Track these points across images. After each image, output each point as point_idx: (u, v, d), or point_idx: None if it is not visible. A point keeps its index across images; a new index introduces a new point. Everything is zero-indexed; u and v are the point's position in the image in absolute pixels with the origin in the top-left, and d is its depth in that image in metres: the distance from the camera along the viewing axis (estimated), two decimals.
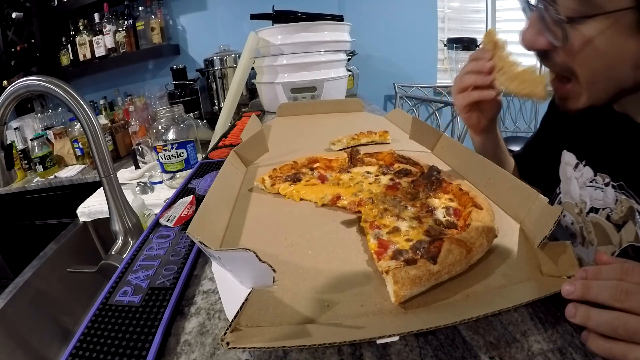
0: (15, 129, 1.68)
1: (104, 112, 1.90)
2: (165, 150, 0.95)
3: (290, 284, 0.31)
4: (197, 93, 1.79)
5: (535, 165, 0.62)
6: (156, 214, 0.50)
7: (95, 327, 0.30)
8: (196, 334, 0.29)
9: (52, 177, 1.61)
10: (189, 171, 0.81)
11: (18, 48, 1.91)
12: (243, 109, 1.56)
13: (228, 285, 0.30)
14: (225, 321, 0.30)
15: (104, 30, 1.88)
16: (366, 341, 0.24)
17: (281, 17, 1.32)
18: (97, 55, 1.92)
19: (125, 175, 1.33)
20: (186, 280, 0.35)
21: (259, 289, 0.28)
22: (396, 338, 0.23)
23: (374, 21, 2.03)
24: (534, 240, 0.33)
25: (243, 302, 0.25)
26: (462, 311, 0.26)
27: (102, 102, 1.94)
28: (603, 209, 0.44)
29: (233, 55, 1.71)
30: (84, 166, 1.67)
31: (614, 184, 0.42)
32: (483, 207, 0.37)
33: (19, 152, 1.61)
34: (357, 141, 0.70)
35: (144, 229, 0.51)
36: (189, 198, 0.53)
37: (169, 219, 0.48)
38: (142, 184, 1.15)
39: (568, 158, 0.51)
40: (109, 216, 0.62)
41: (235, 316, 0.24)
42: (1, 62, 1.93)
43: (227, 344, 0.23)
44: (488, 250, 0.33)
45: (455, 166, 0.54)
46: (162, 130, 0.96)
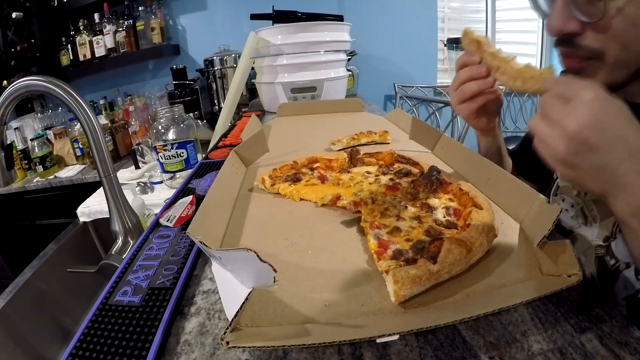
0: (15, 129, 1.68)
1: (104, 112, 1.90)
2: (165, 150, 0.95)
3: (290, 284, 0.31)
4: (197, 93, 1.79)
5: (531, 158, 0.62)
6: (156, 214, 0.50)
7: (95, 327, 0.30)
8: (196, 334, 0.29)
9: (52, 177, 1.61)
10: (189, 171, 0.81)
11: (18, 48, 1.91)
12: (243, 109, 1.56)
13: (228, 285, 0.30)
14: (225, 321, 0.30)
15: (104, 30, 1.88)
16: (366, 340, 0.24)
17: (281, 17, 1.32)
18: (97, 55, 1.92)
19: (125, 175, 1.33)
20: (186, 280, 0.35)
21: (259, 289, 0.28)
22: (396, 337, 0.24)
23: (374, 21, 2.03)
24: (533, 240, 0.33)
25: (243, 302, 0.25)
26: (462, 310, 0.26)
27: (102, 102, 1.94)
28: None
29: (233, 55, 1.71)
30: (84, 166, 1.67)
31: None
32: (483, 207, 0.37)
33: (19, 152, 1.61)
34: (357, 141, 0.70)
35: (144, 229, 0.51)
36: (189, 198, 0.53)
37: (169, 219, 0.48)
38: (142, 184, 1.15)
39: None
40: (109, 216, 0.62)
41: (235, 316, 0.24)
42: (1, 62, 1.93)
43: (227, 343, 0.23)
44: (488, 250, 0.33)
45: (455, 166, 0.54)
46: (162, 130, 0.96)
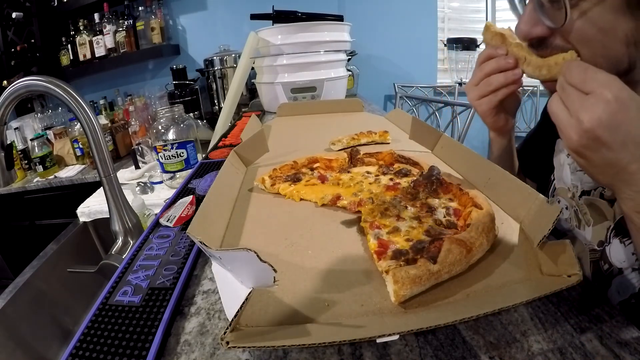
0: (15, 129, 1.68)
1: (104, 112, 1.90)
2: (165, 150, 0.95)
3: (290, 284, 0.31)
4: (197, 93, 1.79)
5: (533, 156, 0.63)
6: (156, 214, 0.50)
7: (95, 327, 0.30)
8: (196, 334, 0.29)
9: (52, 177, 1.61)
10: (189, 171, 0.81)
11: (18, 48, 1.91)
12: (243, 109, 1.56)
13: (228, 285, 0.29)
14: (225, 321, 0.30)
15: (104, 30, 1.88)
16: (366, 340, 0.24)
17: (281, 17, 1.32)
18: (97, 55, 1.92)
19: (125, 175, 1.33)
20: (186, 280, 0.35)
21: (259, 289, 0.28)
22: (396, 337, 0.23)
23: (374, 21, 2.03)
24: (533, 240, 0.33)
25: (243, 302, 0.25)
26: (462, 310, 0.26)
27: (102, 102, 1.94)
28: (595, 189, 0.45)
29: (233, 55, 1.71)
30: (84, 166, 1.67)
31: None
32: (483, 207, 0.37)
33: (19, 152, 1.62)
34: (357, 141, 0.70)
35: (144, 229, 0.51)
36: (189, 198, 0.53)
37: (169, 219, 0.48)
38: (142, 184, 1.15)
39: (561, 145, 0.52)
40: (109, 216, 0.62)
41: (235, 316, 0.24)
42: (1, 62, 1.93)
43: (227, 343, 0.23)
44: (488, 250, 0.33)
45: (455, 166, 0.54)
46: (162, 130, 0.96)
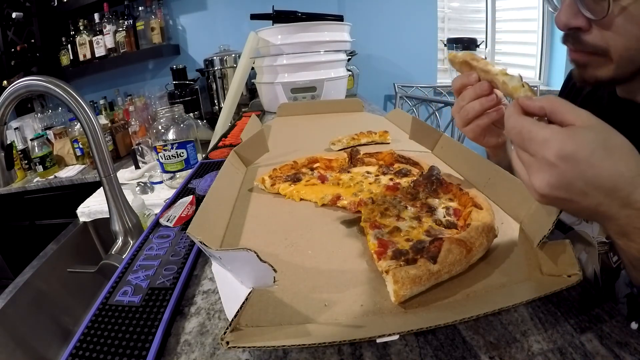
0: (15, 129, 1.68)
1: (104, 112, 1.90)
2: (165, 150, 0.95)
3: (290, 284, 0.31)
4: (197, 93, 1.79)
5: None
6: (156, 214, 0.50)
7: (95, 327, 0.30)
8: (196, 334, 0.29)
9: (52, 177, 1.61)
10: (189, 171, 0.81)
11: (18, 48, 1.91)
12: (243, 109, 1.56)
13: (228, 285, 0.30)
14: (225, 321, 0.30)
15: (104, 30, 1.88)
16: (366, 340, 0.24)
17: (281, 17, 1.32)
18: (97, 55, 1.92)
19: (125, 175, 1.32)
20: (186, 280, 0.35)
21: (259, 289, 0.28)
22: (396, 337, 0.24)
23: (374, 21, 2.03)
24: (533, 240, 0.33)
25: (243, 302, 0.25)
26: (462, 310, 0.26)
27: (102, 102, 1.94)
28: None
29: (233, 55, 1.71)
30: (84, 166, 1.67)
31: None
32: (483, 207, 0.37)
33: (19, 152, 1.61)
34: (357, 141, 0.70)
35: (144, 229, 0.51)
36: (189, 198, 0.53)
37: (169, 219, 0.48)
38: (142, 184, 1.15)
39: None
40: (109, 216, 0.62)
41: (235, 316, 0.24)
42: (1, 62, 1.93)
43: (227, 343, 0.23)
44: (488, 250, 0.33)
45: (455, 166, 0.54)
46: (162, 130, 0.96)
